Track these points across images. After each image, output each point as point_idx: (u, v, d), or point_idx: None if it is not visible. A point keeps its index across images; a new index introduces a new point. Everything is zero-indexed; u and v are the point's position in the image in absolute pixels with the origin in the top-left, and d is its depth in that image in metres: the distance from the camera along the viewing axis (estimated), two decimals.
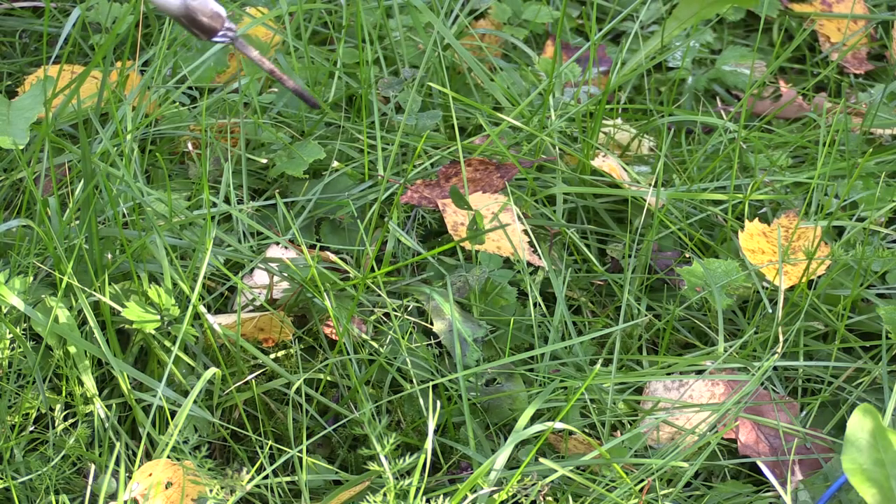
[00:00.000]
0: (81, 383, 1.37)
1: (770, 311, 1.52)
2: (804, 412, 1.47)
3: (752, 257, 1.57)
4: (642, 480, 1.33)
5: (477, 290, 1.53)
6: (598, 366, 1.31)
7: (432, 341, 1.48)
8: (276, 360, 1.46)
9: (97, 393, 1.37)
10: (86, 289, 1.37)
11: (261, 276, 1.52)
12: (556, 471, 1.27)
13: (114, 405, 1.39)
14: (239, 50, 1.48)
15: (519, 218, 1.58)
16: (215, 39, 1.44)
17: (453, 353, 1.45)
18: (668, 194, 1.63)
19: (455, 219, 1.59)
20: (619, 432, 1.42)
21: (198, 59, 1.75)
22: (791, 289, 1.55)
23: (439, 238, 1.65)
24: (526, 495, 1.32)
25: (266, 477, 1.34)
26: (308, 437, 1.39)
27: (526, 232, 1.57)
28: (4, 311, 1.37)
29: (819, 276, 1.58)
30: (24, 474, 1.35)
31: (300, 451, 1.35)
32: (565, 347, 1.47)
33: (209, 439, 1.40)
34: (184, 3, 1.40)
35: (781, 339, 1.47)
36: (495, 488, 1.28)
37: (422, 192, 1.63)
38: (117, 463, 1.35)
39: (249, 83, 1.69)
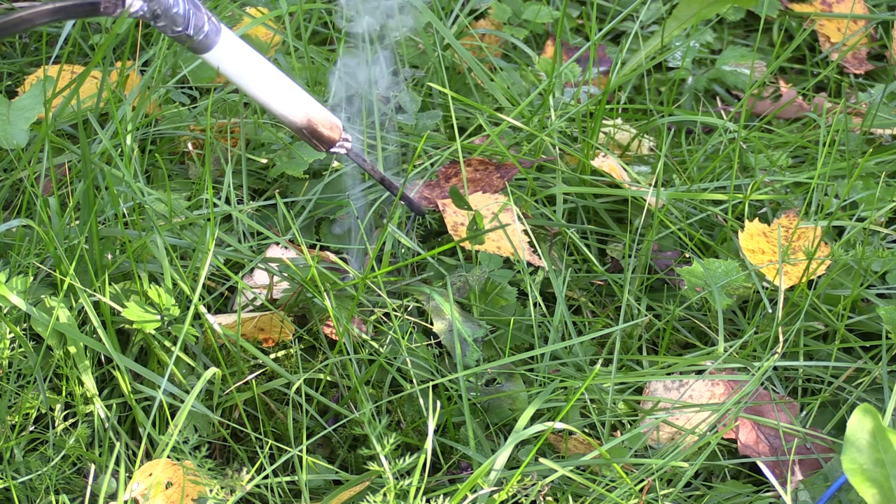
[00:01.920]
0: (81, 383, 1.37)
1: (770, 311, 1.52)
2: (804, 412, 1.47)
3: (752, 257, 1.57)
4: (642, 480, 1.33)
5: (477, 290, 1.53)
6: (598, 366, 1.31)
7: (432, 341, 1.48)
8: (276, 360, 1.46)
9: (97, 393, 1.37)
10: (86, 289, 1.37)
11: (261, 276, 1.52)
12: (556, 471, 1.27)
13: (114, 405, 1.39)
14: (352, 159, 1.51)
15: (519, 218, 1.58)
16: (333, 150, 1.48)
17: (453, 353, 1.45)
18: (668, 194, 1.63)
19: (455, 219, 1.59)
20: (619, 432, 1.42)
21: (196, 60, 1.75)
22: (791, 289, 1.55)
23: (439, 238, 1.65)
24: (526, 495, 1.32)
25: (266, 477, 1.34)
26: (308, 437, 1.39)
27: (526, 232, 1.57)
28: (5, 311, 1.37)
29: (819, 276, 1.58)
30: (24, 474, 1.35)
31: (300, 451, 1.35)
32: (565, 347, 1.47)
33: (209, 439, 1.41)
34: (306, 116, 1.43)
35: (781, 339, 1.47)
36: (495, 488, 1.28)
37: (422, 192, 1.63)
38: (117, 463, 1.35)
39: None
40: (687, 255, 1.63)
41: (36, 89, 1.61)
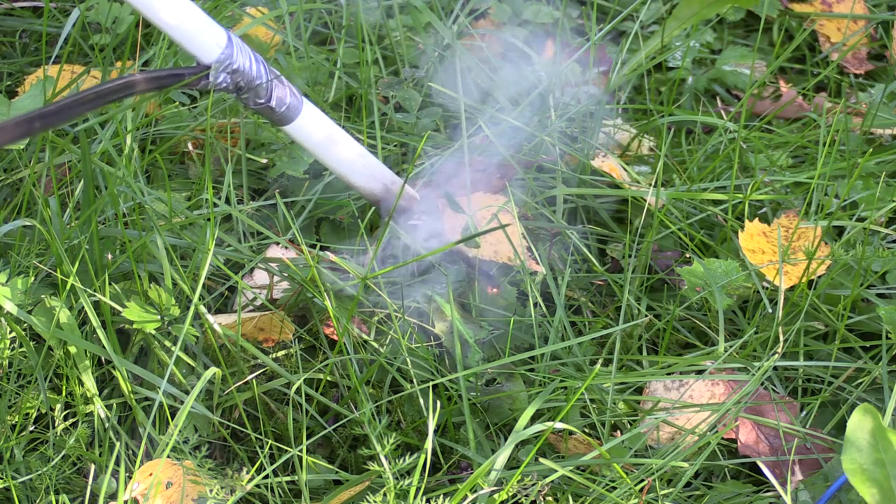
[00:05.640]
0: (82, 383, 1.37)
1: (770, 311, 1.52)
2: (804, 412, 1.47)
3: (752, 257, 1.57)
4: (642, 480, 1.33)
5: (477, 291, 1.53)
6: (598, 366, 1.31)
7: (433, 342, 1.48)
8: (276, 360, 1.46)
9: (97, 393, 1.37)
10: (86, 289, 1.37)
11: (261, 276, 1.52)
12: (556, 471, 1.27)
13: (114, 405, 1.39)
14: (431, 233, 1.51)
15: (518, 219, 1.58)
16: (410, 222, 1.48)
17: (454, 353, 1.45)
18: (668, 194, 1.63)
19: (454, 221, 1.59)
20: (619, 432, 1.42)
21: None
22: (791, 289, 1.55)
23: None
24: (526, 495, 1.32)
25: (266, 477, 1.34)
26: (308, 437, 1.39)
27: (524, 235, 1.57)
28: (5, 310, 1.37)
29: (819, 276, 1.58)
30: (24, 474, 1.35)
31: (300, 451, 1.35)
32: (565, 347, 1.47)
33: (209, 439, 1.41)
34: (385, 188, 1.44)
35: (781, 339, 1.47)
36: (495, 488, 1.28)
37: (421, 193, 1.63)
38: (117, 463, 1.35)
39: None
40: (687, 255, 1.63)
41: (36, 89, 1.61)
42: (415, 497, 1.27)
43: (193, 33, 1.29)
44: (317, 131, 1.42)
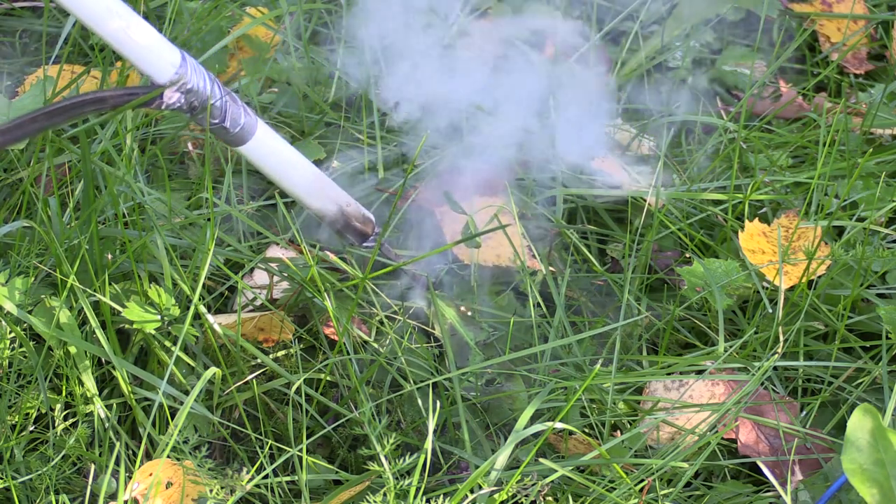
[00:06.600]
0: (82, 383, 1.37)
1: (770, 311, 1.52)
2: (804, 412, 1.47)
3: (752, 257, 1.57)
4: (642, 480, 1.33)
5: (476, 292, 1.53)
6: (597, 366, 1.31)
7: (432, 343, 1.48)
8: (276, 360, 1.46)
9: (97, 393, 1.37)
10: (86, 289, 1.37)
11: (261, 276, 1.52)
12: (555, 471, 1.27)
13: (114, 405, 1.39)
14: (383, 253, 1.51)
15: (518, 220, 1.58)
16: (366, 245, 1.49)
17: (455, 354, 1.45)
18: (668, 194, 1.63)
19: (453, 226, 1.59)
20: (619, 432, 1.42)
21: (198, 58, 1.75)
22: (791, 289, 1.55)
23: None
24: (526, 495, 1.32)
25: (266, 477, 1.34)
26: (308, 437, 1.39)
27: (524, 235, 1.57)
28: (5, 310, 1.37)
29: (819, 276, 1.58)
30: (24, 474, 1.35)
31: (300, 451, 1.35)
32: (565, 347, 1.47)
33: (209, 439, 1.41)
34: (340, 209, 1.43)
35: (781, 339, 1.47)
36: (495, 488, 1.28)
37: (421, 194, 1.63)
38: (117, 463, 1.35)
39: (250, 83, 1.69)
40: (687, 255, 1.63)
41: (36, 89, 1.61)
42: (415, 497, 1.27)
43: (148, 53, 1.29)
44: (271, 152, 1.40)
